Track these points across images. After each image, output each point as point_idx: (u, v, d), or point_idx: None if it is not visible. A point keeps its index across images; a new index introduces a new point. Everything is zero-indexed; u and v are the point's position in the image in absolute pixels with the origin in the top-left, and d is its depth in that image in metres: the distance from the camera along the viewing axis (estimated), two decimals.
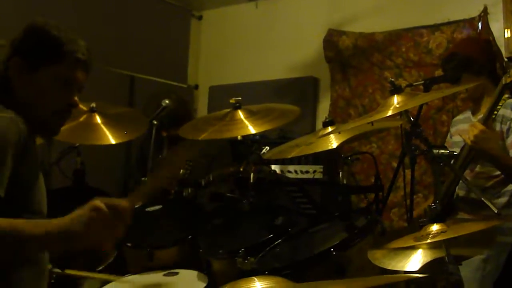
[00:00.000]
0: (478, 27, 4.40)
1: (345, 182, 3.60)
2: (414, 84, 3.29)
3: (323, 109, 5.27)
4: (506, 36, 4.32)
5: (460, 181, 3.18)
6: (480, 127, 2.98)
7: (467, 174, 3.30)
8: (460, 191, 3.34)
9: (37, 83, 2.02)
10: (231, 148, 4.08)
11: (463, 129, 3.36)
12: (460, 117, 3.61)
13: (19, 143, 1.86)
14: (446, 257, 2.22)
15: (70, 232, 1.75)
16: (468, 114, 3.51)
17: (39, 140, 2.18)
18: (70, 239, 1.77)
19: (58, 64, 2.04)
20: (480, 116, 3.27)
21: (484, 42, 3.99)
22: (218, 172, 3.59)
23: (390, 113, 2.46)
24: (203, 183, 3.59)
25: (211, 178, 3.53)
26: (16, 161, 1.85)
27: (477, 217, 3.07)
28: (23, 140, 1.88)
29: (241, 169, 3.41)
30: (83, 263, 2.98)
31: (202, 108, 6.10)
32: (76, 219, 1.75)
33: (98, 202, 1.79)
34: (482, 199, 2.47)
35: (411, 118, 2.85)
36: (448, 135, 3.65)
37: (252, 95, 4.53)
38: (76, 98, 2.11)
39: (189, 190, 3.62)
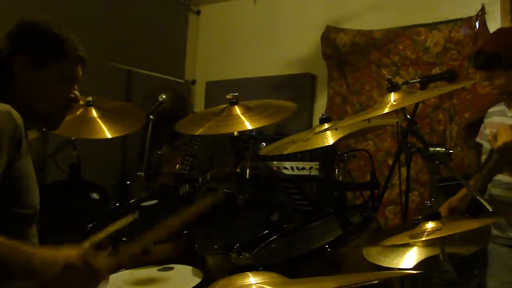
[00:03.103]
0: (476, 26, 4.41)
1: (341, 179, 3.61)
2: (411, 81, 3.29)
3: (320, 105, 5.27)
4: None
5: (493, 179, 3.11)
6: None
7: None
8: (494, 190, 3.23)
9: (42, 80, 2.07)
10: (231, 143, 4.08)
11: (496, 122, 3.30)
12: (495, 109, 3.45)
13: (15, 136, 1.86)
14: (441, 255, 2.23)
15: (40, 275, 1.73)
16: (502, 106, 3.38)
17: (34, 134, 2.19)
18: (40, 280, 1.75)
19: (62, 61, 2.09)
20: None
21: None
22: (215, 171, 3.58)
23: (386, 110, 2.47)
24: (200, 181, 3.58)
25: (208, 178, 3.53)
26: (10, 155, 1.85)
27: None
28: (18, 134, 1.88)
29: (238, 170, 3.40)
30: None
31: (199, 103, 6.09)
32: (47, 271, 1.73)
33: (76, 258, 1.77)
34: (477, 197, 2.47)
35: (408, 115, 2.85)
36: (482, 126, 3.53)
37: (249, 91, 4.53)
38: (77, 92, 2.16)
39: (186, 187, 3.62)
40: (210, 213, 3.47)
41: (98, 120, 3.46)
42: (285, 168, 4.30)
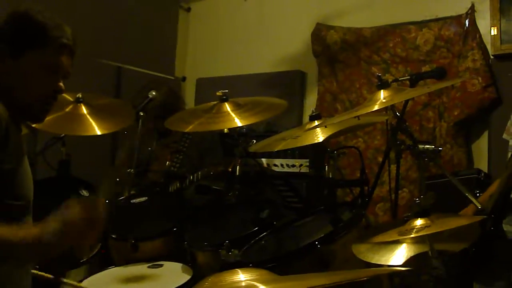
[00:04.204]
0: (465, 24, 4.42)
1: (331, 176, 3.61)
2: (401, 79, 3.30)
3: (310, 103, 5.27)
4: (492, 33, 4.34)
5: None
6: None
7: None
8: None
9: (22, 69, 2.00)
10: (221, 141, 4.08)
11: None
12: None
13: (1, 130, 1.85)
14: (430, 252, 2.24)
15: (43, 242, 1.74)
16: None
17: (23, 131, 2.17)
18: (43, 249, 1.76)
19: (42, 49, 2.02)
20: None
21: None
22: (207, 170, 3.58)
23: (376, 107, 2.48)
24: (191, 179, 3.58)
25: (199, 177, 3.52)
26: None
27: None
28: (4, 126, 1.87)
29: (230, 169, 3.40)
30: (64, 259, 2.96)
31: (189, 100, 6.07)
32: (49, 230, 1.76)
33: (73, 213, 1.79)
34: (466, 194, 2.48)
35: (397, 113, 2.86)
36: (509, 122, 3.44)
37: (239, 88, 4.52)
38: (61, 84, 2.10)
39: (176, 185, 3.62)
40: (200, 210, 3.49)
41: (88, 116, 3.45)
42: (275, 165, 4.30)
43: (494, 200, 2.82)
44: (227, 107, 3.14)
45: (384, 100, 2.52)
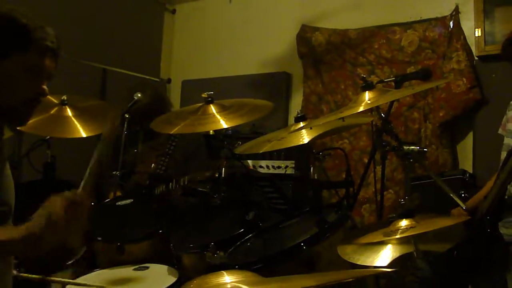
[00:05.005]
0: (450, 25, 4.45)
1: (316, 177, 3.62)
2: (386, 80, 3.31)
3: (296, 104, 5.28)
4: (476, 35, 4.38)
5: None
6: None
7: None
8: None
9: (5, 72, 1.96)
10: (206, 143, 4.07)
11: None
12: None
13: None
14: (415, 253, 2.25)
15: (30, 237, 1.74)
16: None
17: (8, 133, 2.15)
18: (31, 244, 1.76)
19: (25, 51, 1.97)
20: None
21: None
22: (193, 175, 3.56)
23: (361, 109, 2.48)
24: (179, 183, 3.56)
25: (186, 182, 3.51)
26: None
27: None
28: None
29: (216, 175, 3.39)
30: (51, 260, 2.94)
31: (174, 102, 6.05)
32: (34, 225, 1.75)
33: (56, 206, 1.79)
34: (451, 195, 2.49)
35: (382, 114, 2.87)
36: (504, 118, 3.45)
37: (225, 89, 4.53)
38: (45, 86, 2.06)
39: (162, 188, 3.60)
40: (186, 212, 3.48)
41: (73, 119, 3.44)
42: (261, 166, 4.31)
43: (490, 202, 2.84)
44: (213, 109, 3.13)
45: (369, 102, 2.52)
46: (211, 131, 3.67)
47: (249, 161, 4.22)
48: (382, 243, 2.42)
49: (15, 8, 2.03)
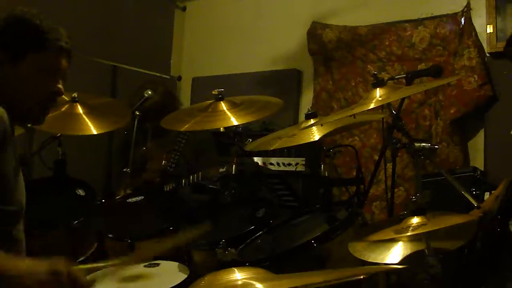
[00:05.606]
0: (461, 22, 4.42)
1: (327, 174, 3.62)
2: (396, 77, 3.30)
3: (306, 101, 5.27)
4: (488, 31, 4.35)
5: None
6: None
7: None
8: None
9: (21, 74, 2.00)
10: (214, 140, 4.07)
11: None
12: None
13: (1, 133, 1.85)
14: (426, 250, 2.24)
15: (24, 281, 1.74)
16: None
17: (19, 130, 2.16)
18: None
19: (41, 52, 2.02)
20: None
21: None
22: (206, 171, 3.57)
23: (372, 106, 2.48)
24: (190, 179, 3.56)
25: (199, 178, 3.51)
26: None
27: None
28: (4, 130, 1.87)
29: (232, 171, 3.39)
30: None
31: (185, 99, 6.07)
32: (34, 273, 1.75)
33: (61, 267, 1.78)
34: (462, 192, 2.48)
35: (393, 111, 2.85)
36: None
37: (235, 87, 4.53)
38: (60, 85, 2.10)
39: (172, 184, 3.61)
40: (197, 209, 3.49)
41: (84, 116, 3.45)
42: (271, 164, 4.30)
43: (500, 201, 2.82)
44: (223, 106, 3.14)
45: (380, 98, 2.51)
46: (221, 128, 3.67)
47: (259, 158, 4.21)
48: (393, 240, 2.41)
49: (27, 9, 2.05)
